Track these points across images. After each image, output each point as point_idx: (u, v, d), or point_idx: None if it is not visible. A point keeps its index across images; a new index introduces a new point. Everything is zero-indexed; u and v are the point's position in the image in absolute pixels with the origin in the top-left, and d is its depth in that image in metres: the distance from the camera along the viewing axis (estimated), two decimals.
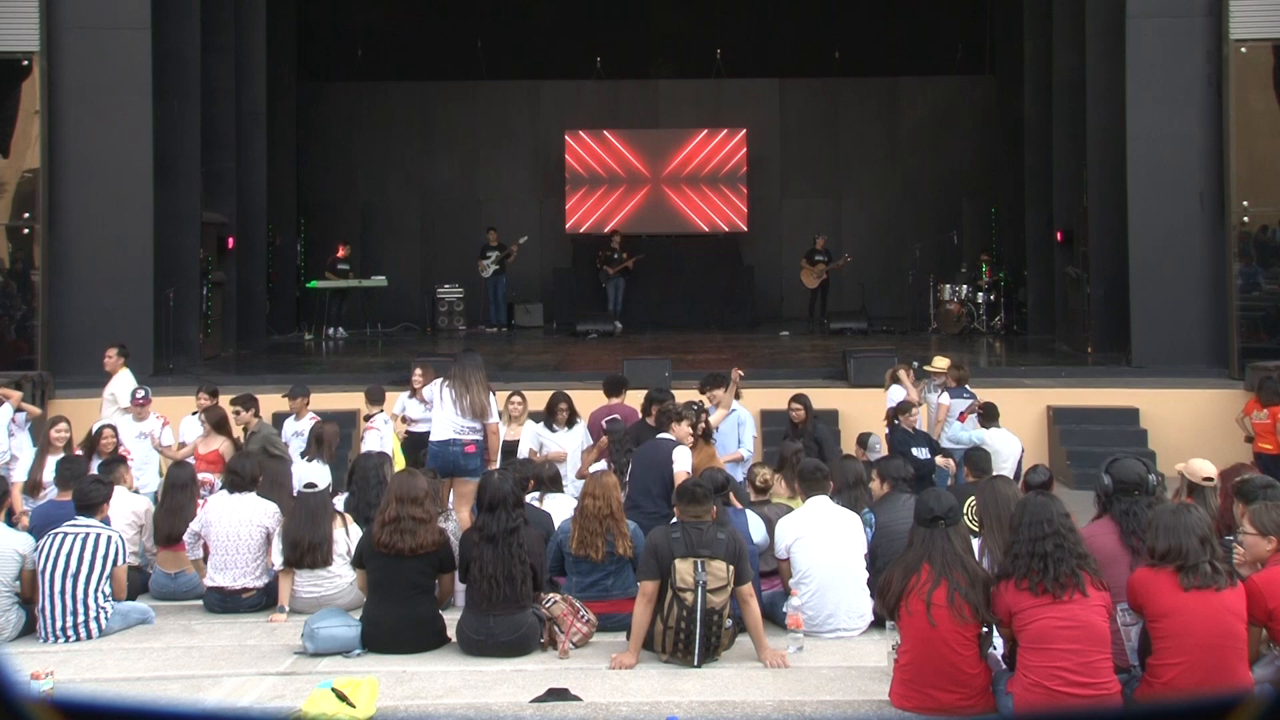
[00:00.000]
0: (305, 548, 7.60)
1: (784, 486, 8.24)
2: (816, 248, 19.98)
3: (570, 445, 10.57)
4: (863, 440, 10.32)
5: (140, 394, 10.84)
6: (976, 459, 8.57)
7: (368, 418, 10.87)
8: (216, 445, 10.12)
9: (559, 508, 8.17)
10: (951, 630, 5.49)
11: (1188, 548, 5.27)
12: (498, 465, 9.31)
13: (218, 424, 10.28)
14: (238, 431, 10.44)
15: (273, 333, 18.91)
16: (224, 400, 10.78)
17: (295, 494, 8.12)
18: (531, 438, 10.53)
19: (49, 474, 9.27)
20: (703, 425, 9.48)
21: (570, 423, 10.70)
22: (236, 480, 8.07)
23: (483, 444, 9.10)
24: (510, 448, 10.05)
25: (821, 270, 19.82)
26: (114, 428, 10.12)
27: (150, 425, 10.73)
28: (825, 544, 7.01)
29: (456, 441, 8.95)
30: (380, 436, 10.49)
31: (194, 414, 10.73)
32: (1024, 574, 5.30)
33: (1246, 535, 5.76)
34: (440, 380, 9.28)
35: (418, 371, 11.13)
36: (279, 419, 11.44)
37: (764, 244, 21.54)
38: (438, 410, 9.08)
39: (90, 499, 7.42)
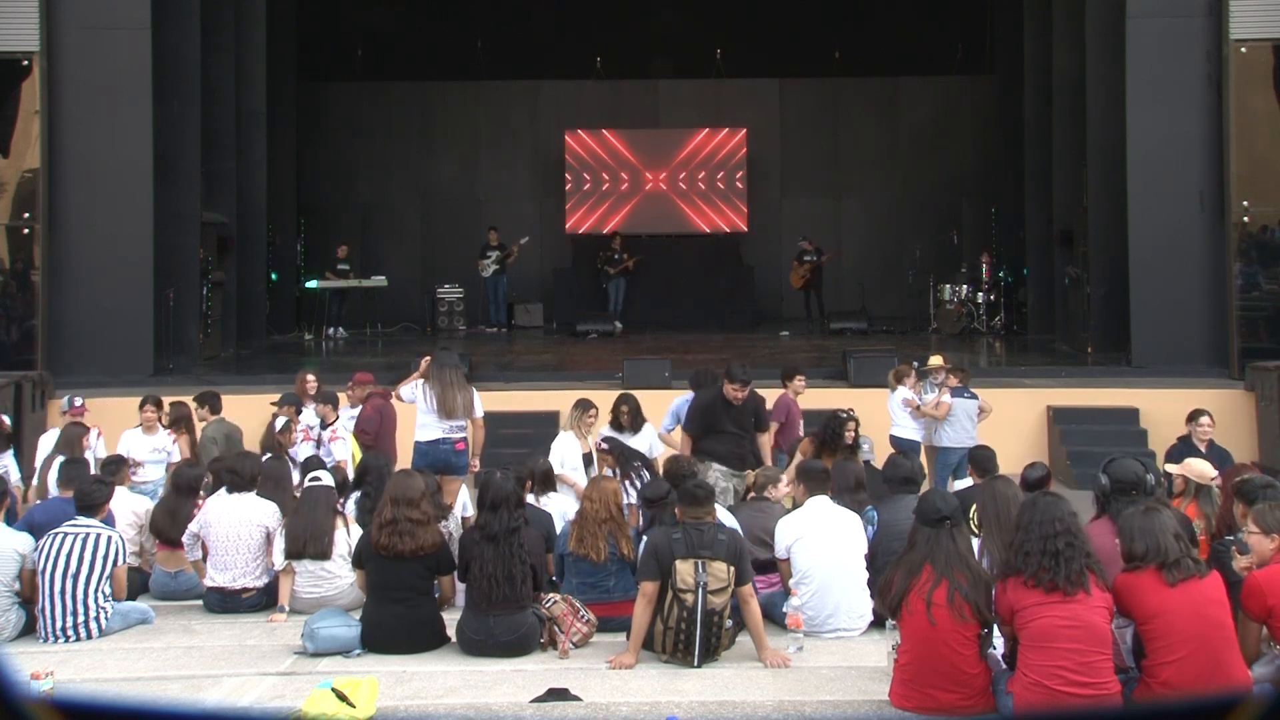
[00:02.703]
0: (306, 538, 7.60)
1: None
2: (806, 248, 20.00)
3: (640, 448, 9.85)
4: None
5: (77, 402, 10.26)
6: (980, 459, 8.49)
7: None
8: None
9: (555, 507, 8.15)
10: (951, 630, 5.49)
11: (1165, 545, 5.31)
12: (479, 461, 9.37)
13: (175, 422, 10.24)
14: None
15: (273, 333, 18.90)
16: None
17: (301, 489, 8.16)
18: (555, 455, 9.93)
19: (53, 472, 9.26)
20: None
21: (635, 425, 10.02)
22: (236, 480, 8.07)
23: (468, 440, 9.19)
24: (588, 459, 9.63)
25: (806, 270, 19.84)
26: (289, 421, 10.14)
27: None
28: (825, 544, 7.00)
29: (447, 440, 9.07)
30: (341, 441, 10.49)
31: (136, 427, 10.36)
32: (1034, 570, 5.30)
33: (1251, 535, 5.77)
34: (420, 380, 9.33)
35: (309, 378, 11.11)
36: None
37: (764, 244, 21.54)
38: (423, 412, 9.11)
39: (92, 499, 7.41)
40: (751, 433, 9.29)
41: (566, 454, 9.77)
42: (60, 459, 9.19)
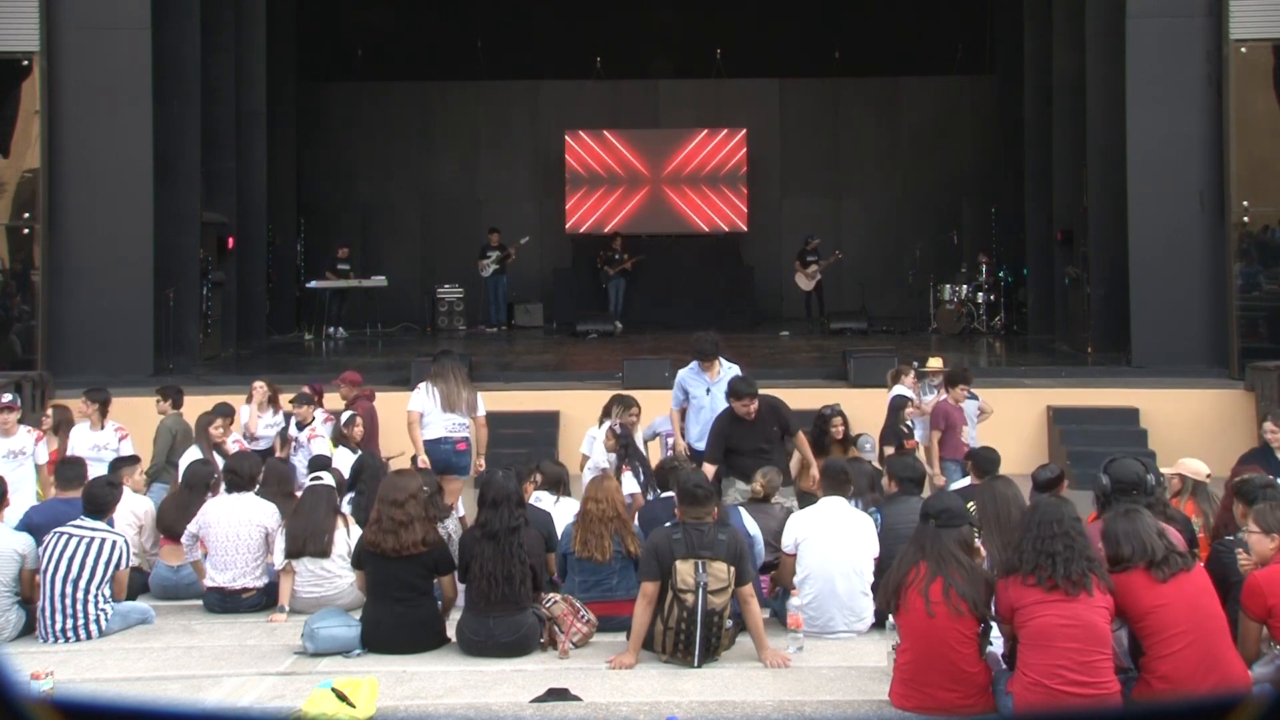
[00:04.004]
0: (306, 536, 7.61)
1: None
2: (807, 249, 19.98)
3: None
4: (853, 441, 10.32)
5: (6, 398, 9.65)
6: (980, 459, 8.48)
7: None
8: (55, 447, 9.96)
9: (566, 512, 8.11)
10: (950, 626, 5.50)
11: (1151, 545, 5.37)
12: (484, 460, 9.38)
13: (57, 426, 10.14)
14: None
15: (273, 333, 18.91)
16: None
17: (303, 487, 8.17)
18: (587, 442, 10.12)
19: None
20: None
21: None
22: (235, 480, 8.08)
23: (471, 440, 9.20)
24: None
25: (815, 271, 19.83)
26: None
27: (21, 442, 9.40)
28: (833, 545, 6.97)
29: (448, 440, 9.10)
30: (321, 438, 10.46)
31: (84, 421, 10.07)
32: (1031, 568, 5.31)
33: (1251, 534, 5.77)
34: (424, 382, 9.38)
35: (258, 384, 10.94)
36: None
37: (764, 244, 21.54)
38: (429, 411, 9.16)
39: (101, 501, 7.39)
40: (778, 443, 8.91)
41: (598, 447, 9.74)
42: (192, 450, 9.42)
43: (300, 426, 10.50)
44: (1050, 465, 8.16)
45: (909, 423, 10.29)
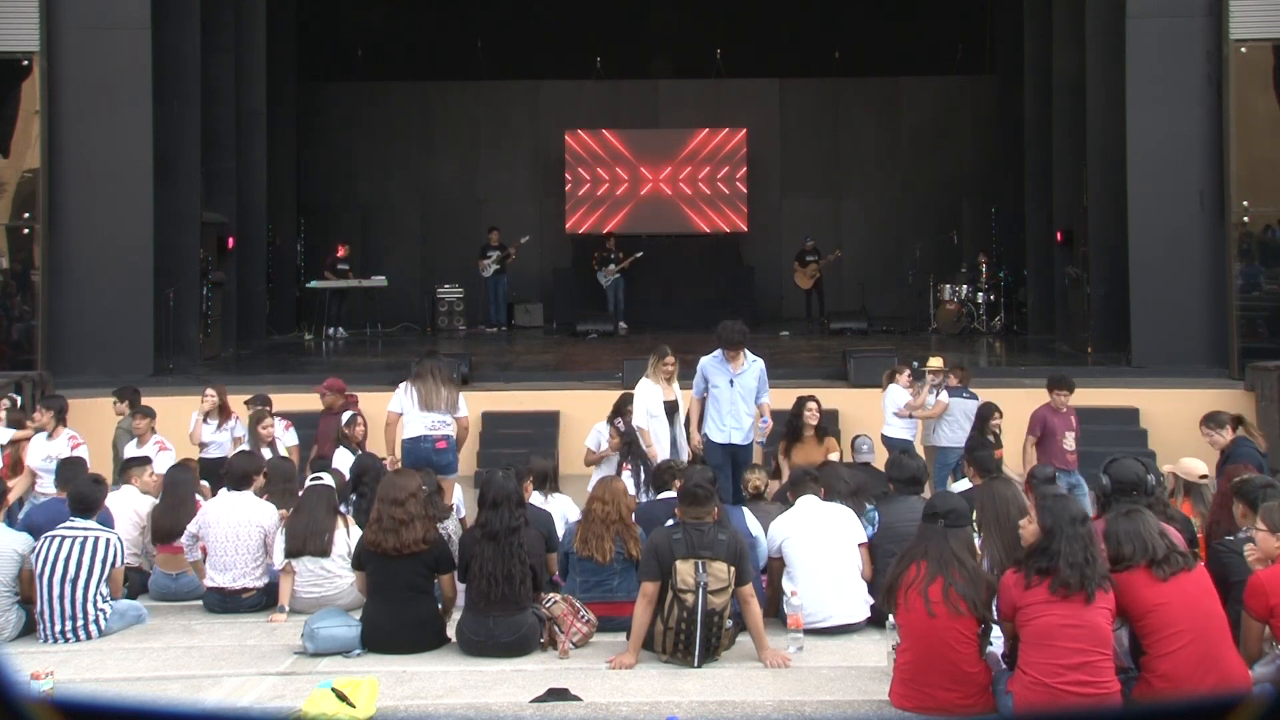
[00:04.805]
0: (306, 535, 7.61)
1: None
2: (806, 249, 19.98)
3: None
4: (851, 443, 10.36)
5: None
6: (980, 459, 8.48)
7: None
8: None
9: (558, 508, 8.15)
10: (949, 626, 5.50)
11: (1152, 544, 5.38)
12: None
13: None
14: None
15: (273, 333, 18.90)
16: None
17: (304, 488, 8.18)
18: (593, 438, 10.12)
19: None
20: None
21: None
22: (234, 479, 8.08)
23: (454, 440, 9.25)
24: (671, 407, 9.80)
25: (814, 270, 19.83)
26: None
27: None
28: (816, 539, 7.05)
29: (428, 438, 9.10)
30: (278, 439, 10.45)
31: (40, 431, 9.85)
32: (1042, 569, 5.30)
33: (1257, 532, 5.77)
34: (404, 382, 9.40)
35: (209, 392, 10.83)
36: None
37: (764, 244, 21.54)
38: (408, 410, 9.17)
39: (88, 501, 7.38)
40: None
41: (650, 401, 9.66)
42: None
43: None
44: (1047, 465, 8.18)
45: (995, 431, 10.23)
